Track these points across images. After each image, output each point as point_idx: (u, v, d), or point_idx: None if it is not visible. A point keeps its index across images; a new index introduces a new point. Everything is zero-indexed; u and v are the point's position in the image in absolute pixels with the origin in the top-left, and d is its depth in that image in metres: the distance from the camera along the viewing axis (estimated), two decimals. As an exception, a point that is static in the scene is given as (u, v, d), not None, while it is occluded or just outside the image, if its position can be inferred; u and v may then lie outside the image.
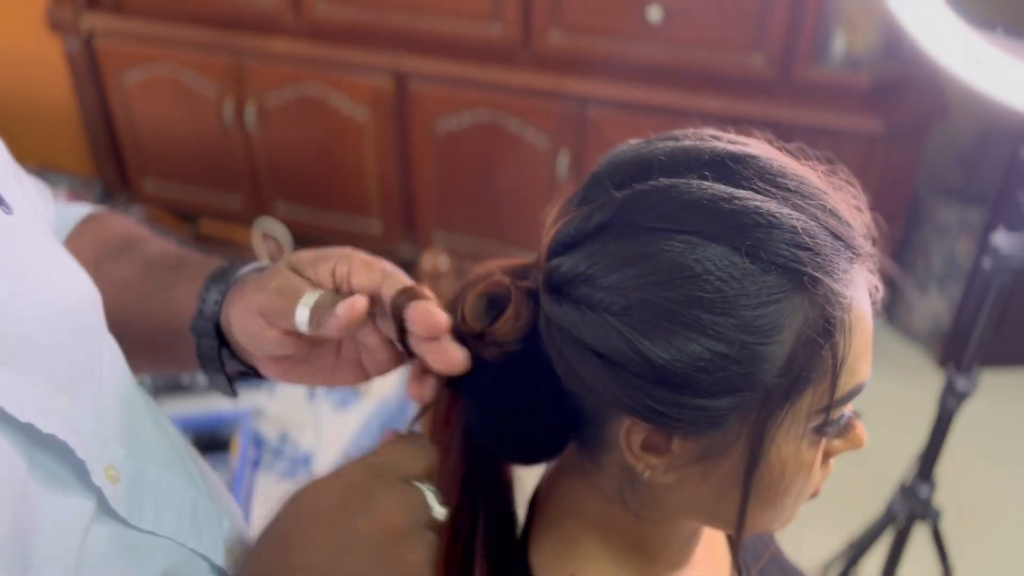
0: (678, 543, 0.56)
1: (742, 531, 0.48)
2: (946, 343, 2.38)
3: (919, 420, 1.63)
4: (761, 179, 0.44)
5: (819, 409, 0.45)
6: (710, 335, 0.41)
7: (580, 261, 0.45)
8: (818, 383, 0.44)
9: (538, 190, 2.23)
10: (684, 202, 0.43)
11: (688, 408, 0.43)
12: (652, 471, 0.47)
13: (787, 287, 0.42)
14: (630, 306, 0.42)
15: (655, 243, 0.43)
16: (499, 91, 2.13)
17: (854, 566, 1.44)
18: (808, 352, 0.43)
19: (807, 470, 0.47)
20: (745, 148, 0.46)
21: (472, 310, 0.49)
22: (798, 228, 0.42)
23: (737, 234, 0.42)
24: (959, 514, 1.65)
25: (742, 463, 0.45)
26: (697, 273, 0.41)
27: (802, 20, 1.87)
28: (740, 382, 0.42)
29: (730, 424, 0.44)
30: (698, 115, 0.56)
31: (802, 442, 0.46)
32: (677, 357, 0.42)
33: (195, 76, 2.40)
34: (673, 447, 0.46)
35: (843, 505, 1.60)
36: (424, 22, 2.17)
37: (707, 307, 0.41)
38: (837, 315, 0.43)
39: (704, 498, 0.49)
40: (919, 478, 1.33)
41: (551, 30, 2.07)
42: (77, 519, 0.42)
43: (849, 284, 0.44)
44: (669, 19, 1.95)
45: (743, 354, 0.42)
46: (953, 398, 1.21)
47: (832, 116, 1.89)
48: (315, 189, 2.49)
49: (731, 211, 0.42)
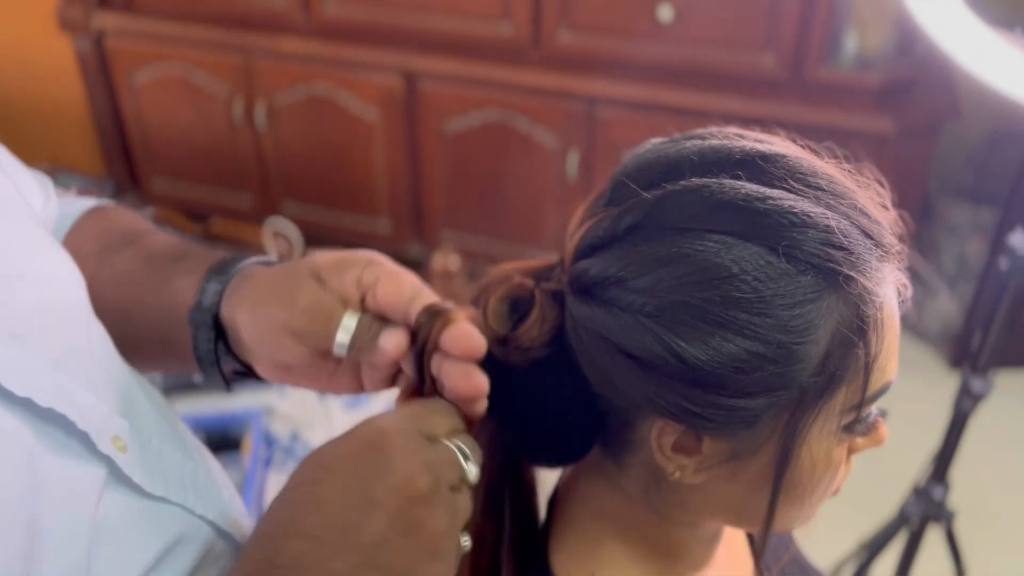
0: (700, 544, 0.55)
1: (769, 530, 0.47)
2: (957, 344, 2.37)
3: (929, 421, 1.62)
4: (792, 178, 0.44)
5: (851, 407, 0.45)
6: (747, 335, 0.41)
7: (610, 263, 0.44)
8: (851, 381, 0.44)
9: (547, 190, 2.23)
10: (717, 202, 0.43)
11: (723, 408, 0.43)
12: (682, 472, 0.47)
13: (822, 286, 0.42)
14: (665, 307, 0.42)
15: (689, 244, 0.42)
16: (509, 91, 2.13)
17: (868, 567, 1.44)
18: (843, 351, 0.43)
19: (835, 468, 0.48)
20: (774, 147, 0.46)
21: (495, 314, 0.48)
22: (832, 227, 0.42)
23: (772, 234, 0.42)
24: (972, 515, 1.64)
25: (772, 462, 0.45)
26: (733, 273, 0.41)
27: (813, 20, 1.87)
28: (776, 382, 0.42)
29: (763, 424, 0.44)
30: (707, 115, 0.55)
31: (832, 440, 0.46)
32: (714, 358, 0.42)
33: (205, 75, 2.41)
34: (704, 448, 0.46)
35: (853, 506, 1.59)
36: (434, 21, 2.17)
37: (744, 307, 0.41)
38: (871, 313, 0.43)
39: (731, 498, 0.49)
40: (933, 479, 1.32)
41: (561, 29, 2.06)
42: (89, 487, 0.42)
43: (881, 282, 0.44)
44: (680, 18, 1.94)
45: (779, 354, 0.42)
46: (968, 399, 1.20)
47: (843, 116, 1.88)
48: (324, 188, 2.49)
49: (765, 211, 0.42)
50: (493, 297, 0.49)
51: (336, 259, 0.50)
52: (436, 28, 2.17)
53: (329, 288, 0.48)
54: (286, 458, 1.42)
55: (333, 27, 2.26)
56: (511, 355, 0.48)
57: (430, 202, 2.39)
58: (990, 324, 1.15)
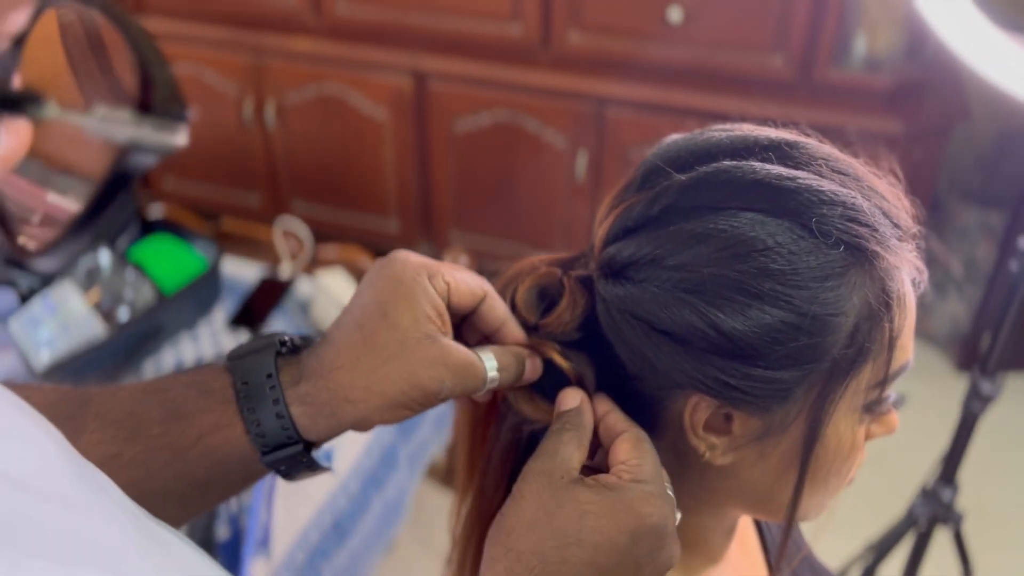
0: (718, 535, 0.56)
1: (795, 512, 0.49)
2: (964, 346, 2.36)
3: (936, 423, 1.62)
4: (816, 162, 0.46)
5: (875, 384, 0.47)
6: (781, 306, 0.43)
7: (644, 244, 0.46)
8: (876, 356, 0.46)
9: (556, 190, 2.23)
10: (750, 181, 0.45)
11: (759, 381, 0.44)
12: (711, 452, 0.48)
13: (850, 261, 0.44)
14: (702, 281, 0.44)
15: (724, 220, 0.44)
16: (518, 91, 2.14)
17: (875, 569, 1.44)
18: (870, 324, 0.45)
19: (855, 450, 0.49)
20: (796, 136, 0.49)
21: (524, 303, 0.49)
22: (858, 205, 0.44)
23: (803, 211, 0.44)
24: (979, 518, 1.64)
25: (799, 443, 0.47)
26: (769, 246, 0.43)
27: (823, 21, 1.87)
28: (809, 353, 0.44)
29: (795, 398, 0.45)
30: (717, 116, 0.55)
31: (855, 419, 0.48)
32: (751, 329, 0.43)
33: (215, 75, 2.42)
34: (734, 427, 0.47)
35: (860, 507, 1.59)
36: (444, 22, 2.18)
37: (779, 279, 0.43)
38: (895, 288, 0.45)
39: (757, 481, 0.50)
40: (941, 481, 1.32)
41: (571, 30, 2.07)
42: None
43: (902, 261, 0.46)
44: (689, 20, 1.94)
45: (812, 325, 0.43)
46: (978, 402, 1.20)
47: (852, 118, 1.88)
48: (333, 188, 2.50)
49: (795, 189, 0.44)
50: (521, 286, 0.50)
51: (400, 305, 0.46)
52: (446, 28, 2.18)
53: (441, 341, 0.45)
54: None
55: (343, 27, 2.27)
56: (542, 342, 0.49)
57: (439, 202, 2.40)
58: (1000, 327, 1.15)
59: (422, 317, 0.45)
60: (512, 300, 0.50)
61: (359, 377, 0.44)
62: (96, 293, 1.53)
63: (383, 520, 1.57)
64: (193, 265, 1.71)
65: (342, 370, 0.45)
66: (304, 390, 0.45)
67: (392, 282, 0.46)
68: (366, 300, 0.46)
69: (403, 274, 0.46)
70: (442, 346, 0.45)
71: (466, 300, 0.47)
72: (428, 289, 0.46)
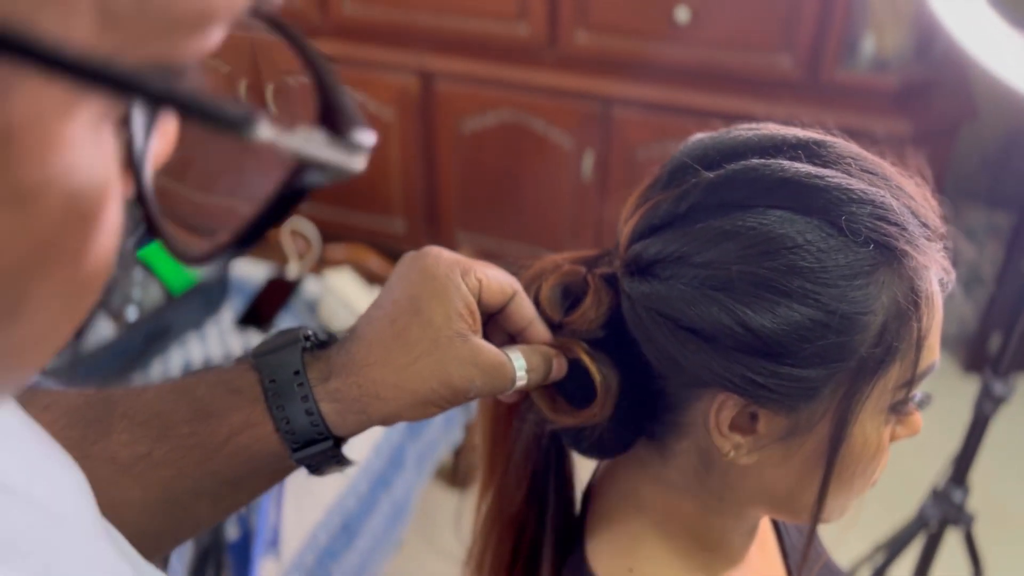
0: (739, 537, 0.56)
1: (822, 509, 0.48)
2: (971, 348, 2.36)
3: (944, 424, 1.62)
4: (844, 161, 0.46)
5: (902, 383, 0.46)
6: (810, 304, 0.43)
7: (670, 241, 0.46)
8: (904, 356, 0.46)
9: (562, 191, 2.23)
10: (779, 179, 0.44)
11: (786, 379, 0.44)
12: (736, 451, 0.47)
13: (879, 260, 0.44)
14: (731, 279, 0.44)
15: (753, 218, 0.44)
16: (524, 91, 2.14)
17: (885, 570, 1.43)
18: (898, 323, 0.45)
19: (881, 452, 0.49)
20: (823, 135, 0.49)
21: (549, 300, 0.49)
22: (887, 204, 0.44)
23: (831, 209, 0.43)
24: (991, 519, 1.63)
25: (824, 443, 0.47)
26: (798, 244, 0.43)
27: (830, 21, 1.87)
28: (837, 352, 0.44)
29: (822, 397, 0.45)
30: (724, 116, 0.54)
31: (881, 420, 0.47)
32: (780, 326, 0.43)
33: (221, 75, 2.42)
34: (759, 426, 0.47)
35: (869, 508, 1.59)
36: (450, 22, 2.18)
37: (808, 277, 0.43)
38: (923, 288, 0.45)
39: (781, 482, 0.49)
40: (952, 482, 1.32)
41: (577, 30, 2.07)
42: None
43: (930, 261, 0.46)
44: (696, 20, 1.94)
45: (841, 323, 0.43)
46: (990, 402, 1.20)
47: (860, 118, 1.88)
48: (338, 187, 2.49)
49: (825, 187, 0.44)
50: (545, 284, 0.50)
51: (433, 300, 0.46)
52: (453, 28, 2.18)
53: (472, 340, 0.45)
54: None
55: (350, 27, 2.27)
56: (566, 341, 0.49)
57: (445, 202, 2.39)
58: (1012, 327, 1.15)
59: (454, 315, 0.45)
60: (536, 298, 0.50)
61: (390, 374, 0.44)
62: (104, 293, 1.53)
63: (391, 520, 1.57)
64: (201, 265, 1.70)
65: (373, 367, 0.45)
66: (333, 387, 0.45)
67: (425, 278, 0.46)
68: (397, 296, 0.46)
69: (436, 270, 0.46)
70: (473, 345, 0.45)
71: (496, 298, 0.47)
72: (461, 286, 0.46)
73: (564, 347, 0.49)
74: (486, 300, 0.47)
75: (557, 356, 0.49)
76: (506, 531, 0.55)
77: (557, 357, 0.49)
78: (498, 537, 0.56)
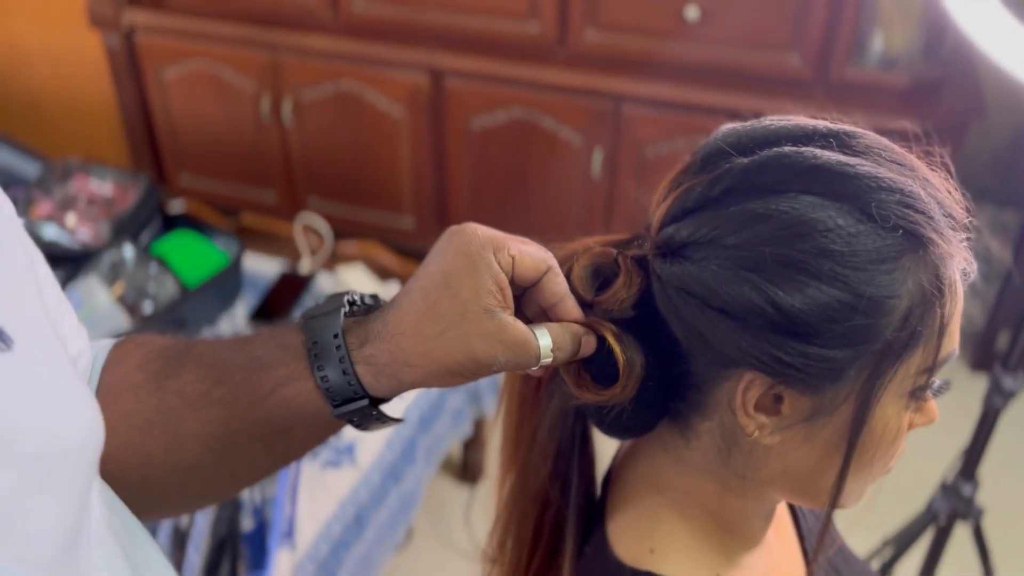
0: (757, 519, 0.57)
1: (841, 491, 0.50)
2: (979, 345, 2.36)
3: (952, 420, 1.62)
4: (873, 151, 0.48)
5: (924, 369, 0.48)
6: (839, 287, 0.44)
7: (702, 224, 0.47)
8: (927, 342, 0.47)
9: (572, 188, 2.24)
10: (811, 166, 0.46)
11: (813, 359, 0.45)
12: (760, 431, 0.49)
13: (906, 246, 0.45)
14: (763, 259, 0.45)
15: (785, 202, 0.46)
16: (534, 89, 2.15)
17: (894, 564, 1.44)
18: (922, 308, 0.46)
19: (900, 437, 0.50)
20: (853, 127, 0.50)
21: (580, 279, 0.51)
22: (915, 193, 0.46)
23: (861, 195, 0.45)
24: (1000, 513, 1.64)
25: (847, 424, 0.48)
26: (829, 228, 0.45)
27: (840, 20, 1.87)
28: (863, 334, 0.45)
29: (847, 379, 0.47)
30: (733, 114, 0.55)
31: (901, 405, 0.49)
32: (809, 307, 0.45)
33: (233, 72, 2.43)
34: (784, 407, 0.48)
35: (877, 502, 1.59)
36: (460, 20, 2.19)
37: (837, 260, 0.44)
38: (947, 275, 0.47)
39: (802, 464, 0.51)
40: (961, 476, 1.32)
41: (587, 28, 2.08)
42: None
43: (955, 250, 0.47)
44: (706, 18, 1.95)
45: (868, 306, 0.45)
46: (999, 397, 1.21)
47: (869, 116, 1.87)
48: (349, 185, 2.51)
49: (855, 175, 0.46)
50: (577, 264, 0.51)
51: (449, 275, 0.48)
52: (463, 26, 2.19)
53: (499, 317, 0.47)
54: (319, 449, 1.44)
55: (360, 24, 2.28)
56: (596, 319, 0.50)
57: (455, 199, 2.41)
58: (1021, 323, 1.16)
59: (483, 291, 0.47)
60: (567, 277, 0.51)
61: (418, 343, 0.47)
62: (120, 287, 1.55)
63: (399, 512, 1.58)
64: (215, 259, 1.72)
65: (404, 336, 0.47)
66: (368, 351, 0.48)
67: (459, 254, 0.48)
68: (432, 270, 0.49)
69: (469, 246, 0.48)
70: (500, 321, 0.47)
71: (529, 273, 0.49)
72: (492, 263, 0.47)
73: (593, 326, 0.50)
74: (519, 275, 0.49)
75: (586, 334, 0.50)
76: (530, 507, 0.56)
77: (586, 335, 0.50)
78: (521, 513, 0.57)
